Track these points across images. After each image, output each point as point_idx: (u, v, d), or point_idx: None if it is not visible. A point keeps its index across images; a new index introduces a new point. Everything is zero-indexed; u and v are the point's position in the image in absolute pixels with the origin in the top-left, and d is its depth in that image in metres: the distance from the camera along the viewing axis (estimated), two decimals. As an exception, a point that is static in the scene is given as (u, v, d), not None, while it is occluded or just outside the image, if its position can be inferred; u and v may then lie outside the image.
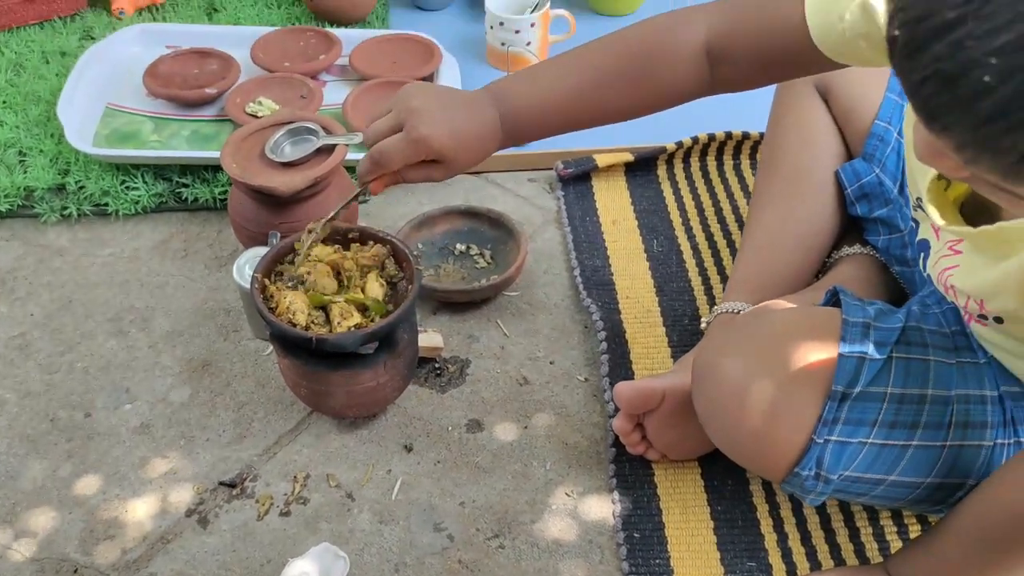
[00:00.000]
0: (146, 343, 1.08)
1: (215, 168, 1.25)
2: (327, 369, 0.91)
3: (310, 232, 0.94)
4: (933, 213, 0.73)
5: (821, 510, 0.92)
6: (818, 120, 1.08)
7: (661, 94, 0.83)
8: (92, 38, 1.49)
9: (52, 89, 1.36)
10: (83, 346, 1.07)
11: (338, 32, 1.45)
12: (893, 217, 1.03)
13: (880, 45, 0.51)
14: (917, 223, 0.85)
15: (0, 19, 1.47)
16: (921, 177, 0.75)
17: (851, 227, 1.09)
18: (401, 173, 0.86)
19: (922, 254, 0.82)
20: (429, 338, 1.05)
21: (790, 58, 0.78)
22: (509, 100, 0.85)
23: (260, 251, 1.03)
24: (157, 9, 1.56)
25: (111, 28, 1.50)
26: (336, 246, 0.96)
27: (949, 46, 0.43)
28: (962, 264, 0.74)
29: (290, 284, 0.92)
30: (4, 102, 1.34)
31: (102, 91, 1.34)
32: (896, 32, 0.46)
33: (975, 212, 0.74)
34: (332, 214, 0.94)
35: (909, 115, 0.82)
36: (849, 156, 1.08)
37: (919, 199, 0.77)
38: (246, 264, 1.03)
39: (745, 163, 1.31)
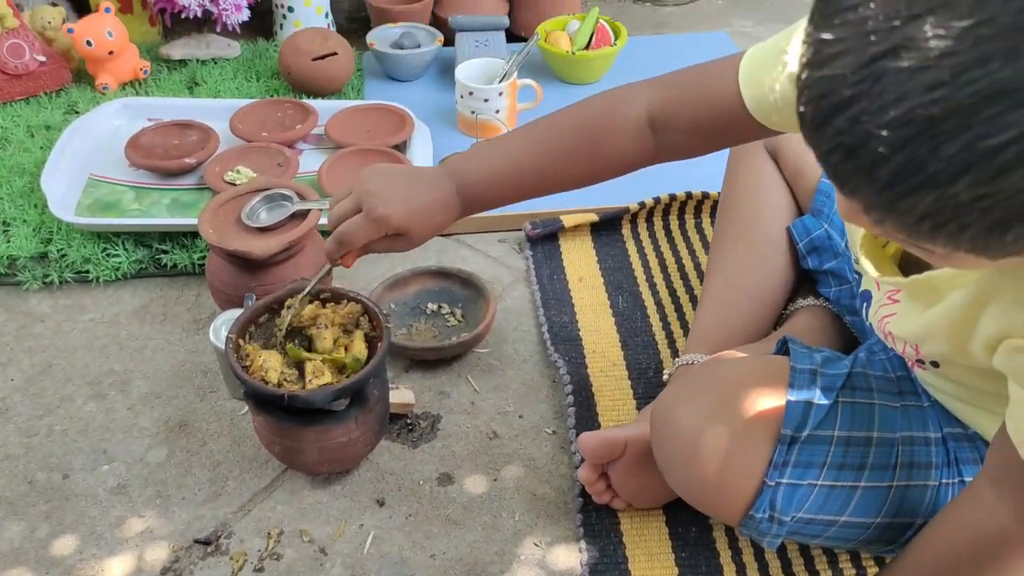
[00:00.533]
0: (124, 405, 1.10)
1: (194, 234, 1.29)
2: (300, 425, 0.93)
3: (288, 308, 0.98)
4: (868, 266, 0.78)
5: (782, 554, 0.94)
6: (768, 178, 1.13)
7: (607, 166, 0.89)
8: (77, 112, 1.54)
9: (36, 161, 1.41)
10: (62, 409, 1.10)
11: (315, 103, 1.51)
12: (842, 269, 1.08)
13: None
14: (859, 275, 0.90)
15: (-13, 95, 1.53)
16: (855, 233, 0.80)
17: (804, 280, 1.14)
18: (366, 247, 0.90)
19: (865, 304, 0.87)
20: (401, 395, 1.09)
21: (729, 127, 0.83)
22: (463, 174, 0.90)
23: (236, 313, 1.06)
24: (140, 84, 1.62)
25: (95, 102, 1.56)
26: (316, 302, 1.00)
27: (848, 121, 0.47)
28: (899, 312, 0.78)
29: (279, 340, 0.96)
30: (-11, 175, 1.39)
31: (85, 162, 1.39)
32: (803, 108, 0.50)
33: (911, 264, 0.78)
34: (307, 290, 0.98)
35: None
36: (799, 212, 1.13)
37: (856, 254, 0.81)
38: (222, 325, 1.06)
39: (705, 221, 1.37)
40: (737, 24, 1.95)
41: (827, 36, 0.48)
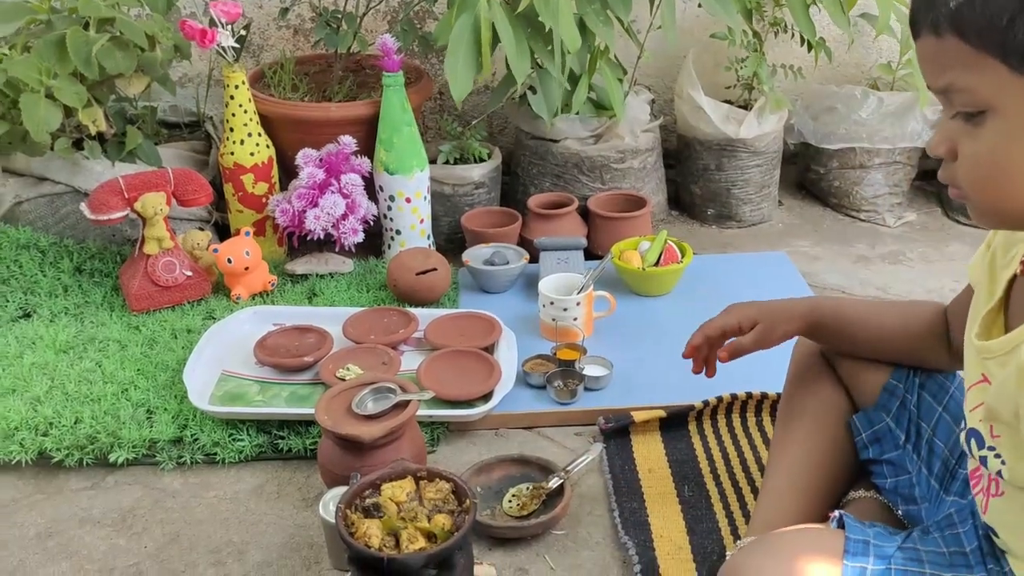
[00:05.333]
0: (240, 572, 1.24)
1: (308, 423, 1.47)
2: (396, 588, 1.06)
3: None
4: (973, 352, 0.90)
5: None
6: (826, 379, 1.26)
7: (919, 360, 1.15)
8: (213, 318, 1.79)
9: (178, 359, 1.64)
10: (187, 574, 1.24)
11: (416, 311, 1.73)
12: (902, 460, 1.17)
13: None
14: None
15: (141, 303, 1.80)
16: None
17: (860, 473, 1.23)
18: (737, 347, 1.19)
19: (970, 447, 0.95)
20: (484, 570, 1.20)
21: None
22: (824, 302, 1.22)
23: (341, 490, 1.21)
24: (267, 295, 1.88)
25: (229, 310, 1.81)
26: (408, 477, 1.15)
27: None
28: (990, 389, 0.87)
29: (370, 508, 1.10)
30: (139, 370, 1.62)
31: (220, 360, 1.61)
32: None
33: None
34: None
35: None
36: (855, 410, 1.25)
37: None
38: (330, 501, 1.21)
39: (765, 419, 1.49)
40: (796, 244, 2.14)
41: None
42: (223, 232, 2.07)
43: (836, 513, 0.99)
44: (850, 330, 1.19)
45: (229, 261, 1.80)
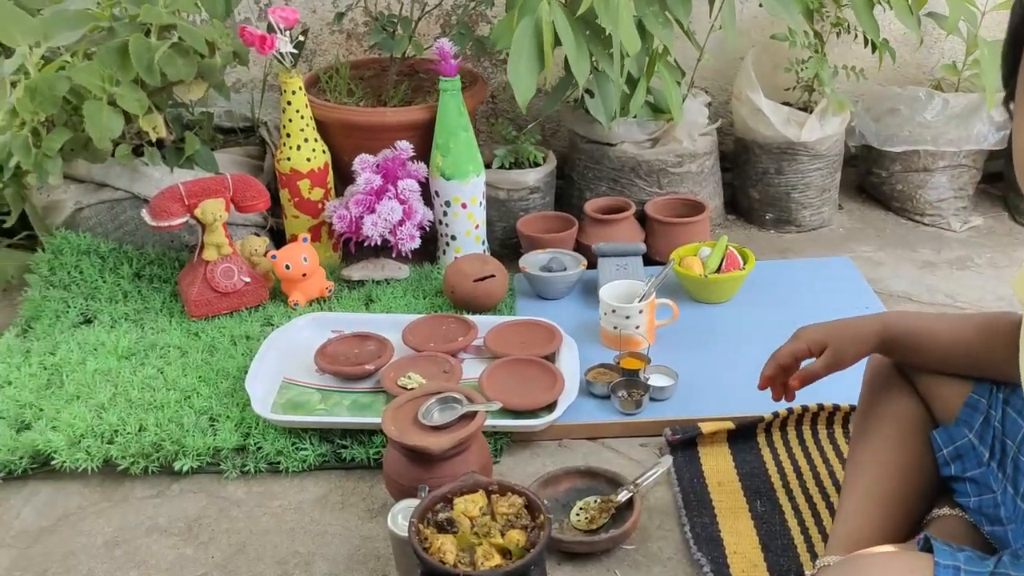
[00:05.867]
0: (308, 584, 1.24)
1: (371, 432, 1.46)
2: (470, 605, 1.04)
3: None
4: None
5: None
6: (903, 392, 1.22)
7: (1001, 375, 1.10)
8: (272, 324, 1.79)
9: (239, 367, 1.64)
10: (254, 585, 1.24)
11: (474, 318, 1.71)
12: (986, 478, 1.13)
13: None
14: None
15: (200, 310, 1.80)
16: None
17: (942, 490, 1.19)
18: (807, 373, 1.16)
19: None
20: (555, 585, 1.18)
21: None
22: (895, 319, 1.16)
23: (410, 503, 1.20)
24: (324, 301, 1.87)
25: (287, 316, 1.81)
26: (479, 491, 1.13)
27: None
28: None
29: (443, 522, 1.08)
30: (200, 377, 1.62)
31: (280, 368, 1.61)
32: None
33: None
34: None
35: None
36: (935, 425, 1.21)
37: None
38: (399, 513, 1.20)
39: (837, 431, 1.45)
40: (859, 250, 2.09)
41: None
42: (277, 238, 2.07)
43: (922, 535, 0.96)
44: (926, 347, 1.15)
45: (287, 267, 1.80)
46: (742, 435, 1.45)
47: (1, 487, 1.44)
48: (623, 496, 1.30)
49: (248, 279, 1.83)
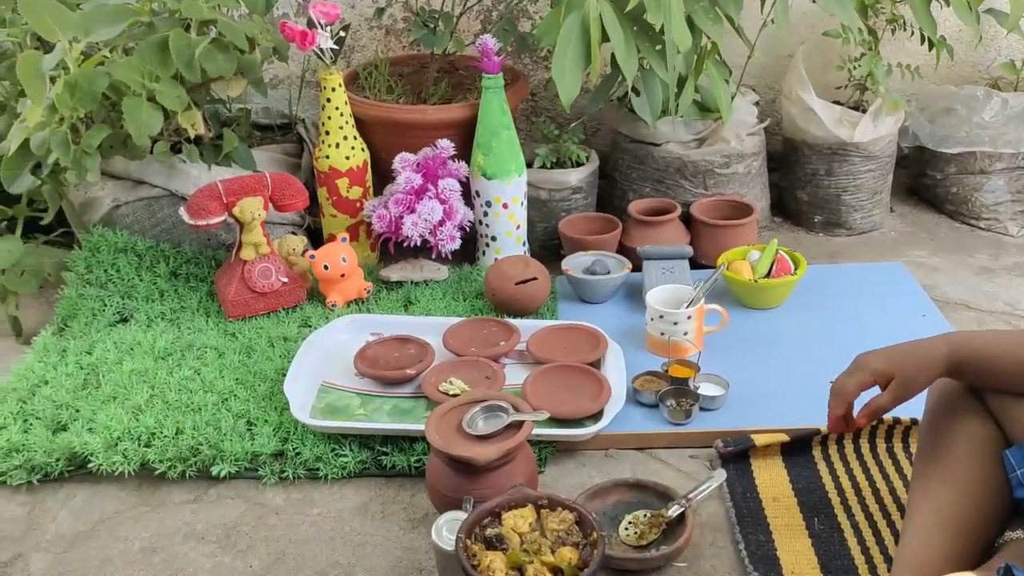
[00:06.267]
0: (348, 596, 1.20)
1: (412, 439, 1.42)
2: (521, 626, 1.00)
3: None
4: None
5: None
6: (972, 408, 1.16)
7: None
8: (309, 326, 1.76)
9: (276, 369, 1.61)
10: (294, 597, 1.20)
11: (516, 322, 1.67)
12: (1064, 500, 1.07)
13: None
14: None
15: (237, 310, 1.77)
16: None
17: (1016, 512, 1.13)
18: (876, 406, 1.11)
19: None
20: (604, 604, 1.13)
21: None
22: (962, 340, 1.11)
23: (455, 515, 1.16)
24: (362, 302, 1.83)
25: (325, 318, 1.77)
26: (528, 506, 1.09)
27: None
28: None
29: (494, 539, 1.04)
30: (237, 379, 1.59)
31: (319, 371, 1.57)
32: None
33: None
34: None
35: None
36: (1007, 444, 1.14)
37: None
38: (444, 526, 1.15)
39: (897, 446, 1.39)
40: (911, 254, 2.02)
41: None
42: (315, 237, 2.04)
43: (1004, 564, 0.90)
44: (1000, 367, 1.09)
45: (326, 267, 1.76)
46: (797, 448, 1.39)
47: (38, 489, 1.41)
48: (674, 511, 1.25)
49: (286, 279, 1.80)
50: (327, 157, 1.88)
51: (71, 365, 1.64)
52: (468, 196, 1.91)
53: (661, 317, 1.59)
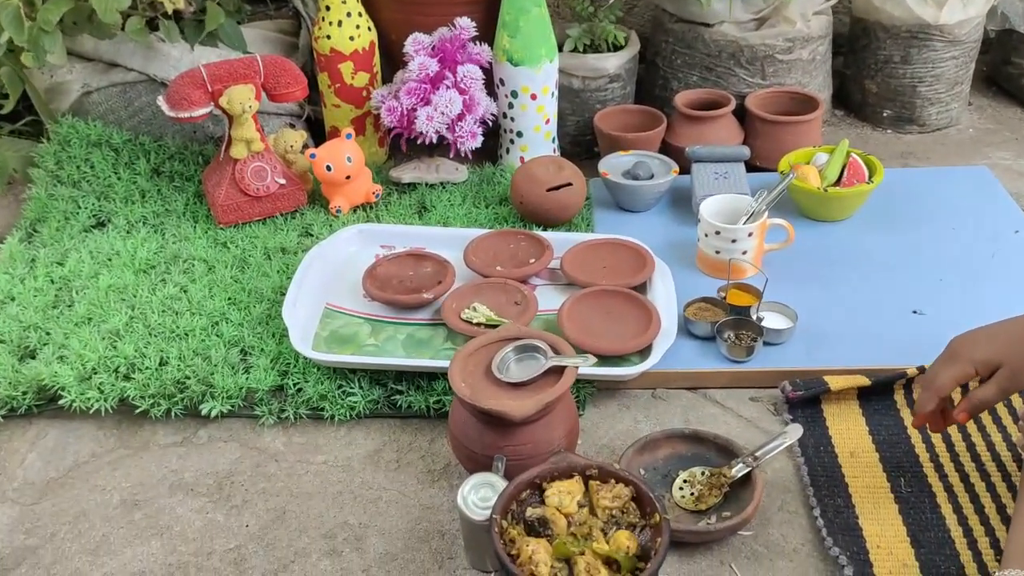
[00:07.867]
0: (359, 566, 1.03)
1: (430, 376, 1.23)
2: (568, 629, 0.83)
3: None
4: None
5: None
6: None
7: None
8: (310, 234, 1.55)
9: (273, 286, 1.41)
10: (297, 565, 1.04)
11: (548, 235, 1.45)
12: None
13: None
14: None
15: (230, 215, 1.56)
16: None
17: None
18: (977, 399, 0.94)
19: None
20: (659, 584, 0.96)
21: None
22: None
23: (484, 478, 0.98)
24: (370, 207, 1.61)
25: (328, 225, 1.56)
26: (575, 477, 0.90)
27: None
28: None
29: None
30: (230, 299, 1.39)
31: (323, 291, 1.37)
32: None
33: None
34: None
35: None
36: None
37: None
38: (471, 492, 0.97)
39: (997, 393, 1.19)
40: (995, 156, 1.77)
41: None
42: (315, 129, 1.80)
43: None
44: None
45: (328, 168, 1.54)
46: (877, 393, 1.20)
47: (3, 427, 1.24)
48: (739, 470, 1.07)
49: (283, 180, 1.57)
50: (328, 37, 1.62)
51: (40, 279, 1.44)
52: (491, 85, 1.66)
53: (717, 233, 1.38)
